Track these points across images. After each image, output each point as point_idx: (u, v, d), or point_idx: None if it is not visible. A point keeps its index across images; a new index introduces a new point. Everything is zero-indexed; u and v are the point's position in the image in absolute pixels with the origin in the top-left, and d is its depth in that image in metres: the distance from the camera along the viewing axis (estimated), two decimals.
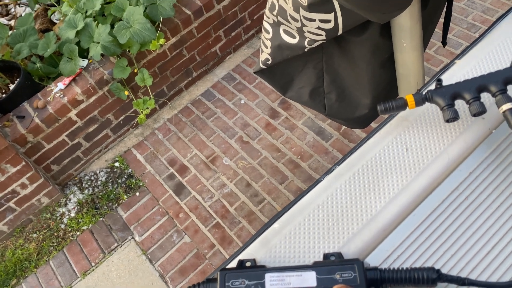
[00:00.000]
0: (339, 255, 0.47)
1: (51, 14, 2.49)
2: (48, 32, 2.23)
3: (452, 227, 0.48)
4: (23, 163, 2.04)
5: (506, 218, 0.47)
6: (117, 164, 2.39)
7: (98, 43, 2.10)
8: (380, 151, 0.55)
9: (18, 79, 2.12)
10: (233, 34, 2.58)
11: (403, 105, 0.55)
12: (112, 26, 2.12)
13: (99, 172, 2.38)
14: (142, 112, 2.24)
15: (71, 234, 2.21)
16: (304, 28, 0.97)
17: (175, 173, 2.30)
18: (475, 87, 0.52)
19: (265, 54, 1.13)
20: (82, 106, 2.17)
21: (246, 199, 2.16)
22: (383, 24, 0.99)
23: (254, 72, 1.22)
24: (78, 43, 2.17)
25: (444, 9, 1.09)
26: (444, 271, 0.46)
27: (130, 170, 2.36)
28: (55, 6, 2.46)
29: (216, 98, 2.53)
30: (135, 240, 2.13)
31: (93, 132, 2.31)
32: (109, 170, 2.38)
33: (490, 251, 0.45)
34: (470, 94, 0.52)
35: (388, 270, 0.45)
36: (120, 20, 2.13)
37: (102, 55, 2.15)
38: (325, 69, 1.19)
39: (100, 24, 2.14)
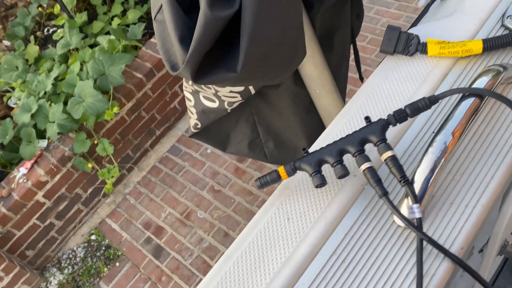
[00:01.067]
0: None
1: (7, 100, 2.52)
2: (4, 120, 2.25)
3: None
4: None
5: (380, 274, 0.48)
6: (93, 237, 2.36)
7: (54, 122, 2.11)
8: (264, 225, 0.55)
9: None
10: None
11: (277, 178, 0.56)
12: (66, 103, 2.14)
13: (77, 248, 2.35)
14: (108, 181, 2.24)
15: None
16: (219, 93, 0.99)
17: (152, 236, 2.27)
18: (336, 151, 0.53)
19: (194, 120, 1.15)
20: (48, 186, 2.16)
21: (226, 250, 2.13)
22: (295, 74, 1.01)
23: (189, 137, 1.23)
24: (35, 125, 2.18)
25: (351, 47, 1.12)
26: None
27: (107, 241, 2.33)
28: (10, 91, 2.48)
29: (182, 152, 2.54)
30: None
31: (64, 210, 2.29)
32: (86, 244, 2.35)
33: None
34: (333, 158, 0.53)
35: None
36: (73, 96, 2.15)
37: (59, 133, 2.17)
38: (257, 121, 1.20)
39: (53, 104, 2.16)
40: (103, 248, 2.31)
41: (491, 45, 0.61)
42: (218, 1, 0.54)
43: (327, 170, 0.57)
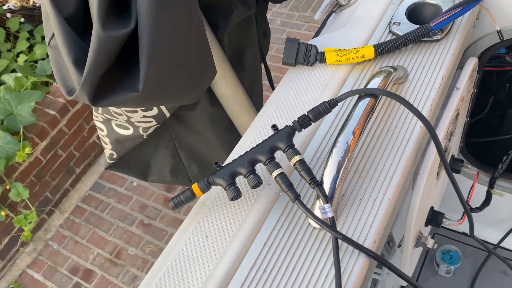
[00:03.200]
0: None
1: None
2: None
3: None
4: None
5: (301, 278, 0.48)
6: None
7: None
8: (182, 247, 0.53)
9: None
10: None
11: (192, 196, 0.55)
12: None
13: None
14: (25, 228, 2.07)
15: None
16: (132, 119, 0.96)
17: (80, 281, 2.12)
18: (247, 162, 0.54)
19: (108, 150, 1.10)
20: None
21: None
22: (210, 95, 1.01)
23: (106, 169, 1.18)
24: None
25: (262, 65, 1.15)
26: None
27: None
28: None
29: (106, 188, 2.42)
30: None
31: None
32: None
33: None
34: (245, 169, 0.53)
35: None
36: None
37: None
38: (177, 145, 1.18)
39: None
40: None
41: (381, 50, 0.65)
42: (111, 20, 0.53)
43: (241, 181, 0.57)
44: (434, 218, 0.81)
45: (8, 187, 2.06)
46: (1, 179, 2.05)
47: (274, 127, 0.55)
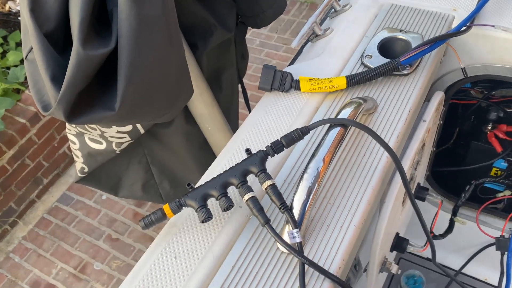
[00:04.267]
0: None
1: None
2: None
3: None
4: None
5: None
6: None
7: None
8: (150, 267, 0.53)
9: None
10: None
11: (163, 216, 0.55)
12: None
13: None
14: None
15: None
16: (105, 134, 0.96)
17: None
18: (220, 184, 0.55)
19: (80, 164, 1.09)
20: None
21: None
22: (185, 113, 1.02)
23: (76, 182, 1.16)
24: None
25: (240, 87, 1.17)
26: None
27: None
28: None
29: (75, 201, 2.37)
30: None
31: None
32: None
33: None
34: (217, 191, 0.54)
35: None
36: None
37: None
38: (150, 162, 1.18)
39: None
40: None
41: (353, 81, 0.68)
42: (91, 39, 0.54)
43: (213, 204, 0.58)
44: (399, 244, 0.83)
45: None
46: None
47: (247, 151, 0.57)
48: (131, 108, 0.60)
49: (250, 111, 1.29)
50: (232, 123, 1.16)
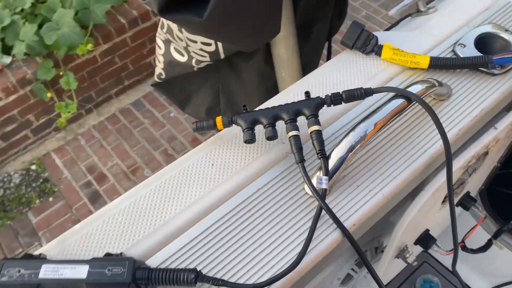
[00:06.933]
0: (119, 254, 0.50)
1: None
2: None
3: (230, 235, 0.52)
4: None
5: (277, 229, 0.53)
6: (33, 167, 2.32)
7: (23, 41, 2.06)
8: (189, 165, 0.58)
9: None
10: None
11: (213, 126, 0.59)
12: (40, 26, 2.09)
13: (13, 174, 2.31)
14: (63, 115, 2.21)
15: None
16: (189, 48, 1.01)
17: (93, 181, 2.26)
18: (271, 115, 0.57)
19: (159, 69, 1.16)
20: (0, 104, 2.11)
21: None
22: (267, 52, 1.04)
23: (152, 85, 1.24)
24: (3, 39, 2.12)
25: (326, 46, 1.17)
26: (217, 274, 0.49)
27: (46, 174, 2.30)
28: None
29: (145, 109, 2.53)
30: (41, 247, 2.06)
31: (11, 132, 2.24)
32: (24, 172, 2.31)
33: (255, 258, 0.50)
34: (266, 120, 0.57)
35: (156, 270, 0.48)
36: (50, 21, 2.10)
37: (27, 54, 2.11)
38: (220, 90, 1.23)
39: (27, 23, 2.11)
40: (41, 180, 2.28)
41: (436, 63, 0.66)
42: None
43: (260, 131, 0.61)
44: (425, 240, 0.82)
45: (61, 73, 2.19)
46: (58, 64, 2.17)
47: (307, 93, 0.58)
48: (217, 20, 0.64)
49: None
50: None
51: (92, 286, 0.46)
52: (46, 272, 0.47)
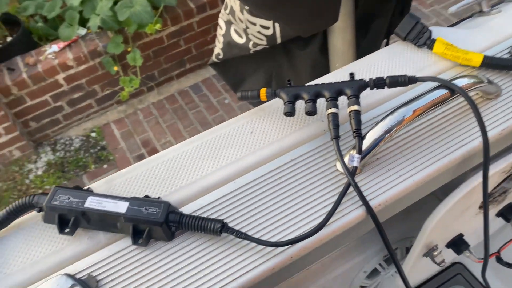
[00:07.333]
0: (157, 198, 0.55)
1: None
2: None
3: (260, 196, 0.56)
4: (2, 112, 2.14)
5: (304, 197, 0.55)
6: (93, 134, 2.48)
7: (99, 15, 2.20)
8: (230, 130, 0.62)
9: (16, 34, 2.23)
10: None
11: (257, 96, 0.63)
12: (116, 3, 2.22)
13: (75, 138, 2.47)
14: (126, 89, 2.33)
15: (33, 190, 2.29)
16: (248, 31, 1.05)
17: (146, 155, 2.38)
18: (313, 92, 0.59)
19: (218, 49, 1.21)
20: (71, 71, 2.27)
21: None
22: (323, 42, 1.06)
23: (209, 64, 1.29)
24: (81, 12, 2.28)
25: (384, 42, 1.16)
26: (242, 229, 0.53)
27: (104, 142, 2.44)
28: None
29: (202, 93, 2.62)
30: None
31: (77, 99, 2.40)
32: (84, 138, 2.47)
33: (279, 220, 0.53)
34: (308, 96, 0.59)
35: (187, 215, 0.52)
36: None
37: (100, 27, 2.26)
38: (274, 75, 1.26)
39: None
40: (98, 147, 2.43)
41: (489, 63, 0.65)
42: None
43: (301, 106, 0.64)
44: (458, 244, 0.81)
45: (129, 49, 2.32)
46: (127, 40, 2.30)
47: (351, 74, 0.60)
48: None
49: None
50: None
51: (129, 221, 0.51)
52: (91, 202, 0.52)
